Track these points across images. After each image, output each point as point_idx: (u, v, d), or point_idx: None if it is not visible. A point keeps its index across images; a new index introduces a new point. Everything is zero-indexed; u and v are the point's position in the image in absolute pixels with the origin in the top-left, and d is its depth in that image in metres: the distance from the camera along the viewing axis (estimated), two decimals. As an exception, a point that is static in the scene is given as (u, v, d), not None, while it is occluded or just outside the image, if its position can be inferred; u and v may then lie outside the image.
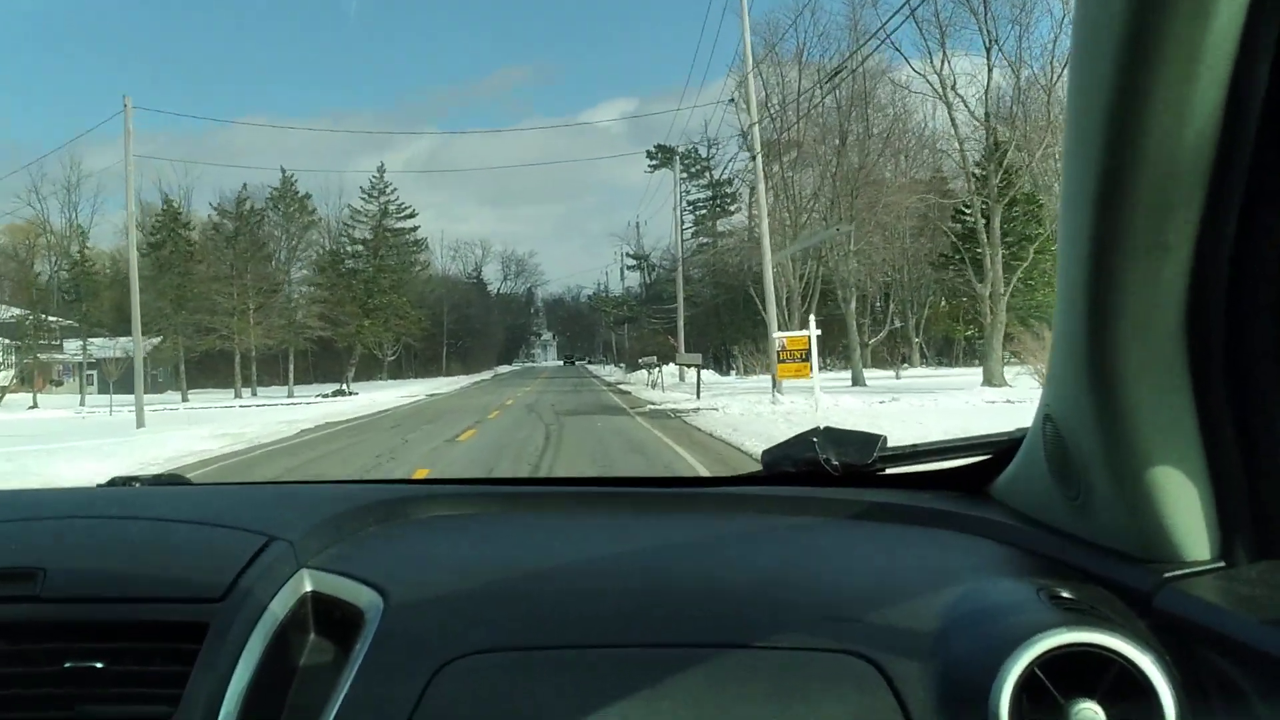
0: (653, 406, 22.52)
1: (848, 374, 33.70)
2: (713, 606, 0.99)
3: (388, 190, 65.83)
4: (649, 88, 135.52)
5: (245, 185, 50.67)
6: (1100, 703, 0.84)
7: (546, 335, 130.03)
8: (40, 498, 1.39)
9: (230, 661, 0.95)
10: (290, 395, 44.54)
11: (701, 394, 24.44)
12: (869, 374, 35.70)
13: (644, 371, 42.09)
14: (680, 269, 39.13)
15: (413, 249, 69.00)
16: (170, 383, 54.07)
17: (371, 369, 68.52)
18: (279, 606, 1.01)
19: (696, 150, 62.06)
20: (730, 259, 55.39)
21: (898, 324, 36.85)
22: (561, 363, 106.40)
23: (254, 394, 47.77)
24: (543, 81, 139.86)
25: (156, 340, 47.16)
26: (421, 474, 10.26)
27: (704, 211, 63.53)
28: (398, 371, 73.16)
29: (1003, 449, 1.25)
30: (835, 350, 49.66)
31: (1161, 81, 0.76)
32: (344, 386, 44.06)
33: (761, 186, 24.01)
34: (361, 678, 0.95)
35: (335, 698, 0.95)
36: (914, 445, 1.38)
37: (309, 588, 1.06)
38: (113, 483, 1.49)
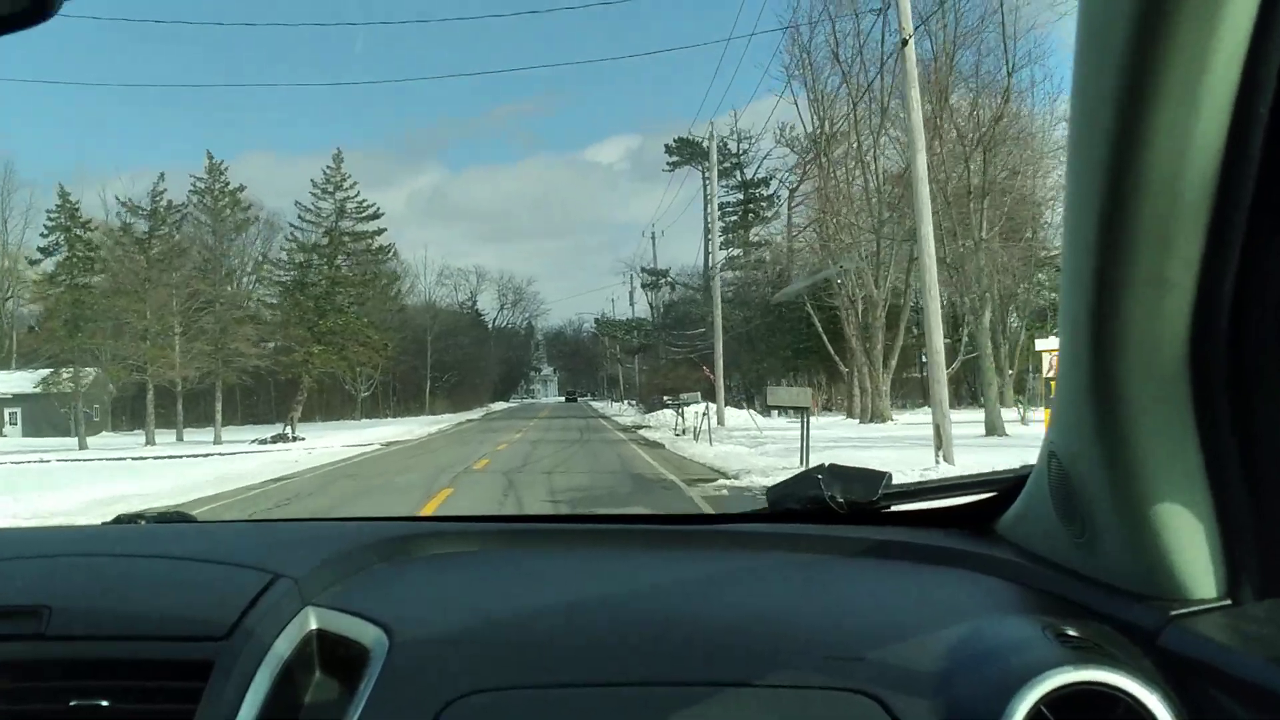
0: (729, 483, 14.95)
1: (967, 417, 26.99)
2: (717, 644, 1.07)
3: (346, 184, 52.60)
4: (653, 124, 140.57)
5: (163, 175, 38.80)
6: None
7: (547, 370, 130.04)
8: (45, 536, 1.49)
9: (235, 700, 1.01)
10: (217, 441, 38.59)
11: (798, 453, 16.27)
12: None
13: (667, 412, 37.13)
14: (718, 278, 28.63)
15: (376, 258, 61.76)
16: (105, 422, 50.72)
17: (344, 406, 65.30)
18: (284, 644, 1.09)
19: (725, 145, 49.35)
20: (764, 274, 43.54)
21: (973, 351, 30.84)
22: (563, 399, 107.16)
23: (179, 438, 41.74)
24: (545, 115, 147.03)
25: (69, 372, 42.67)
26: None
27: (734, 218, 50.89)
28: (373, 409, 59.86)
29: (1008, 486, 1.33)
30: (905, 389, 37.89)
31: (1163, 116, 0.78)
32: (287, 430, 37.70)
33: (914, 93, 15.90)
34: (368, 715, 1.01)
35: None
36: (919, 483, 1.47)
37: (314, 625, 1.14)
38: (118, 520, 1.59)
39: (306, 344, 49.80)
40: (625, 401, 75.98)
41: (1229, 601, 0.95)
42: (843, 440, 24.46)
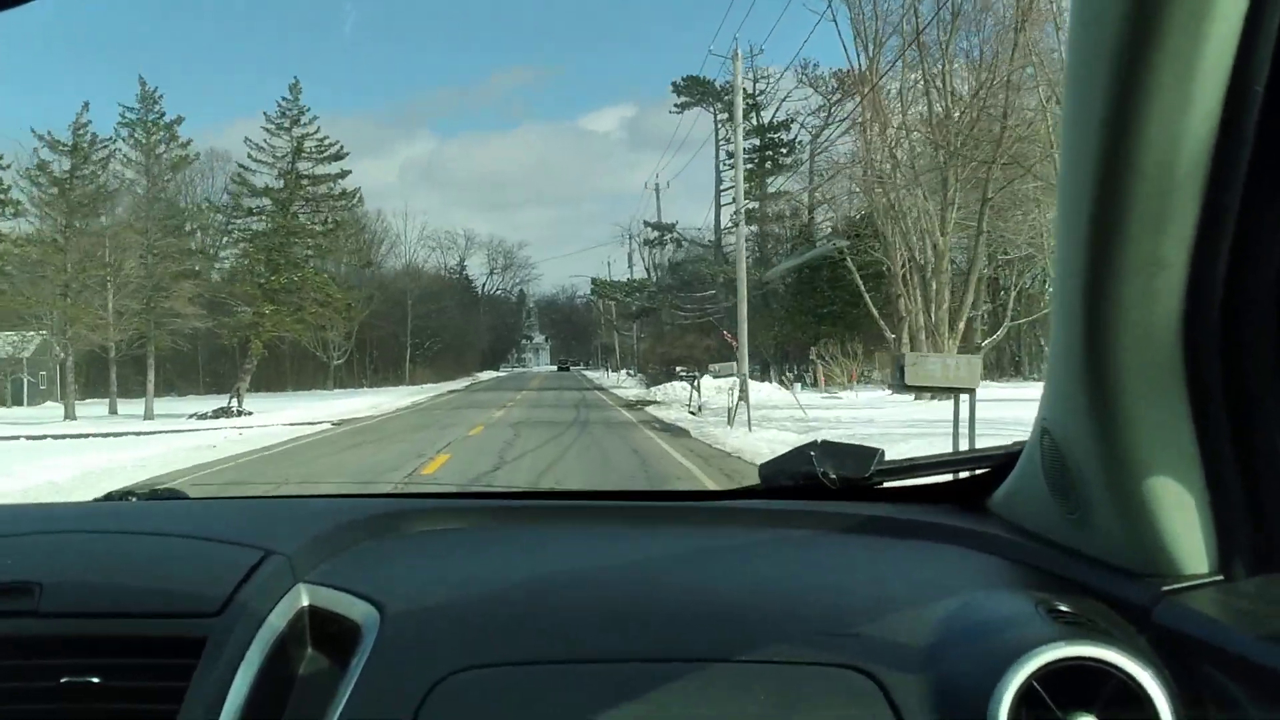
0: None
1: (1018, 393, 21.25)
2: (709, 620, 1.13)
3: (304, 119, 46.44)
4: (649, 93, 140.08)
5: (87, 105, 33.32)
6: (1099, 716, 0.93)
7: (539, 338, 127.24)
8: (37, 513, 1.53)
9: (227, 676, 1.06)
10: (148, 415, 33.18)
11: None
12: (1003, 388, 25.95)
13: (676, 386, 34.06)
14: (741, 222, 21.82)
15: (339, 203, 53.59)
16: (52, 391, 44.79)
17: (316, 375, 59.44)
18: (276, 620, 1.14)
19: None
20: (783, 229, 37.19)
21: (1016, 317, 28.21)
22: (555, 368, 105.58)
23: (112, 410, 36.45)
24: (542, 84, 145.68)
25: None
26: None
27: (749, 166, 44.32)
28: (348, 378, 53.46)
29: (1000, 463, 1.38)
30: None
31: (1157, 98, 0.84)
32: (232, 403, 32.65)
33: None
34: (359, 691, 1.05)
35: (333, 711, 1.05)
36: (912, 459, 1.52)
37: (306, 602, 1.19)
38: (109, 497, 1.62)
39: (257, 303, 42.41)
40: (624, 371, 72.00)
41: (1221, 577, 0.99)
42: (835, 409, 18.68)
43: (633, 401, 34.62)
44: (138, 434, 23.72)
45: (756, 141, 53.23)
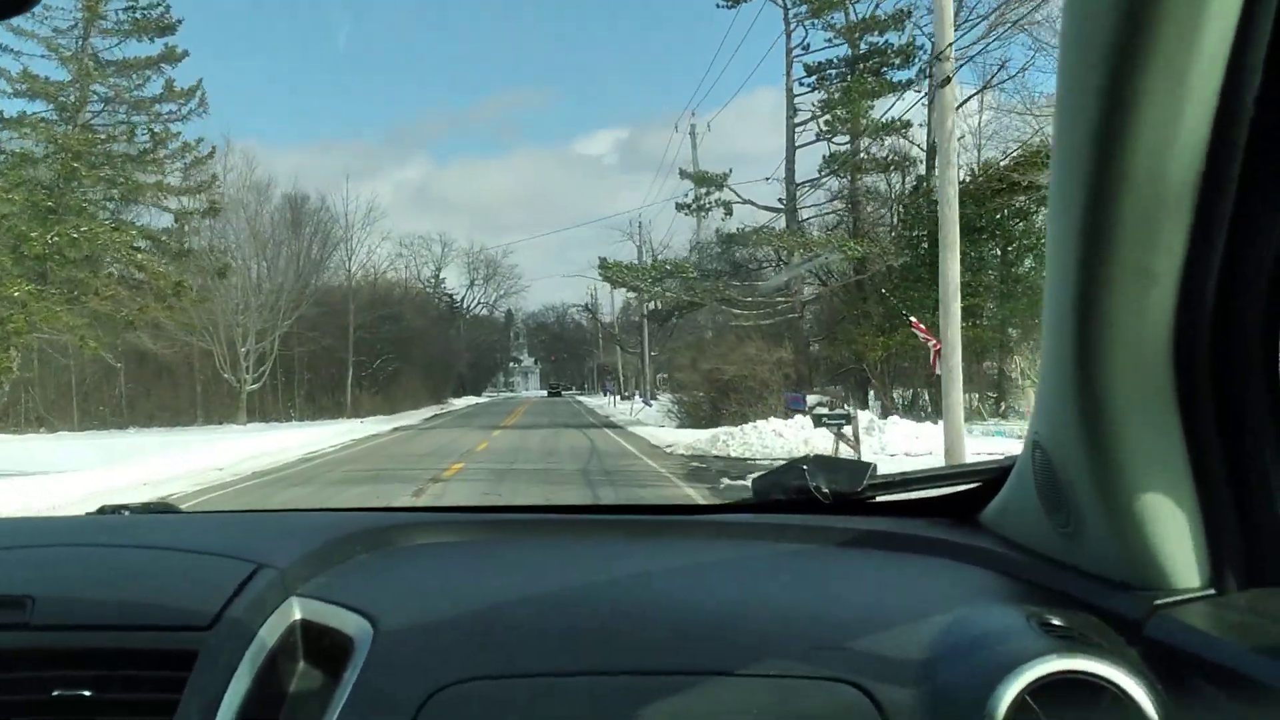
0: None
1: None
2: (702, 634, 1.12)
3: None
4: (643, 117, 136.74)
5: None
6: None
7: (527, 360, 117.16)
8: (29, 525, 1.53)
9: (219, 689, 1.05)
10: None
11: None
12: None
13: (760, 432, 19.51)
14: (951, 113, 5.32)
15: (161, 104, 31.48)
16: None
17: (224, 405, 41.67)
18: (268, 634, 1.14)
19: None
20: (902, 182, 21.09)
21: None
22: (545, 393, 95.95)
23: None
24: (536, 107, 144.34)
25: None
26: None
27: (836, 85, 26.75)
28: (271, 407, 44.97)
29: (992, 477, 1.38)
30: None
31: (1147, 109, 0.84)
32: None
33: None
34: (351, 705, 1.05)
35: None
36: (904, 473, 1.51)
37: (298, 615, 1.19)
38: (102, 511, 1.60)
39: (11, 284, 23.53)
40: (636, 397, 50.52)
41: (1213, 591, 0.99)
42: None
43: (692, 461, 17.67)
44: None
45: (846, 49, 31.02)
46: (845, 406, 18.25)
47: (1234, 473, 0.95)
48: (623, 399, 54.29)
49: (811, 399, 19.97)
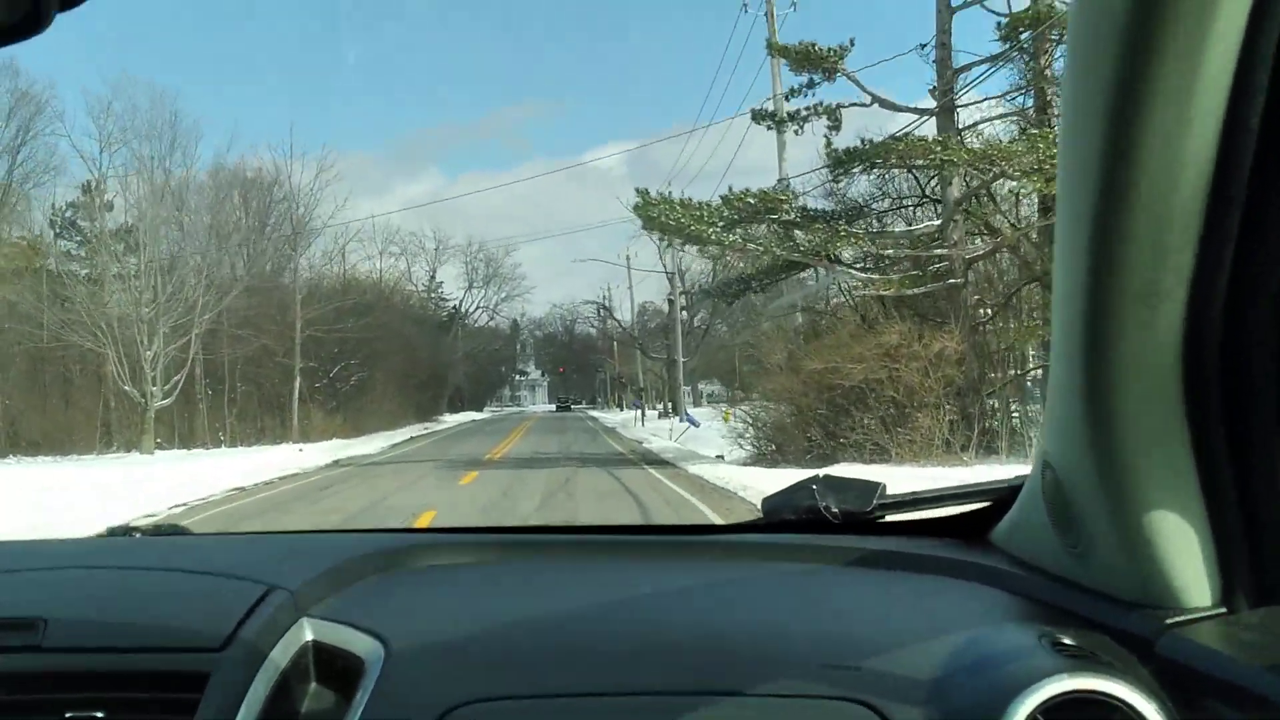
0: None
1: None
2: (713, 654, 1.13)
3: None
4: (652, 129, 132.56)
5: None
6: None
7: (535, 373, 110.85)
8: (41, 548, 1.52)
9: (231, 711, 1.06)
10: None
11: None
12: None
13: None
14: None
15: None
16: None
17: (139, 426, 32.79)
18: (280, 656, 1.15)
19: None
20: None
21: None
22: (554, 408, 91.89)
23: None
24: (545, 120, 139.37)
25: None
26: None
27: None
28: (192, 429, 36.08)
29: (1002, 496, 1.38)
30: None
31: (1154, 126, 0.84)
32: None
33: None
34: None
35: None
36: (914, 493, 1.51)
37: (309, 637, 1.20)
38: (112, 532, 1.61)
39: None
40: (679, 417, 36.54)
41: (1224, 609, 1.00)
42: None
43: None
44: None
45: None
46: None
47: (1243, 490, 0.95)
48: (636, 411, 44.42)
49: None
